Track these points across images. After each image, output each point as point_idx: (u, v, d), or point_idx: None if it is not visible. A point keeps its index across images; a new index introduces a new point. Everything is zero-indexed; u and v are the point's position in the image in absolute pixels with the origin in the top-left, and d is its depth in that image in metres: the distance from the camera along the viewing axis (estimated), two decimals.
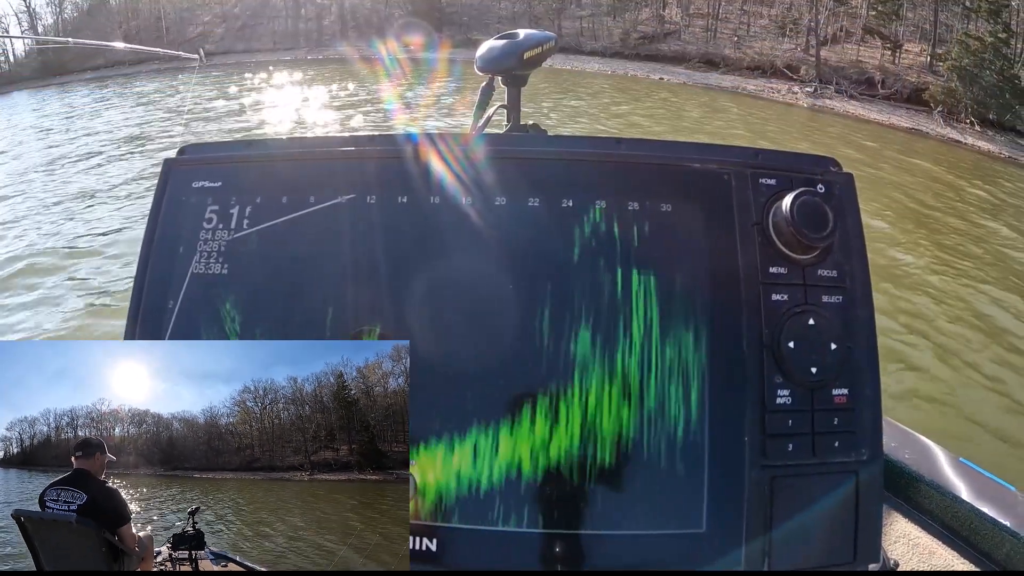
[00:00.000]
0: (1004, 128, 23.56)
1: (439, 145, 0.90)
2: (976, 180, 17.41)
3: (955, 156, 20.90)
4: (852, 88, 29.01)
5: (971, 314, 8.85)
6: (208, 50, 43.99)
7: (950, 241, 11.81)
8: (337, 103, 23.21)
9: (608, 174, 0.88)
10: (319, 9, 48.61)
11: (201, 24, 47.92)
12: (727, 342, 0.83)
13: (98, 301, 8.26)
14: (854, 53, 31.28)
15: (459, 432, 0.82)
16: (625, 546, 0.80)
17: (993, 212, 14.27)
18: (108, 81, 35.12)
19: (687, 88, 32.57)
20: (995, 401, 6.86)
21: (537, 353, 0.83)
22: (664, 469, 0.80)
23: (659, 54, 38.73)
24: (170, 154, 1.00)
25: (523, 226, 0.86)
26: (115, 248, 9.90)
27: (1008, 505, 1.40)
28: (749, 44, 35.79)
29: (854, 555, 0.81)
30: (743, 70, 34.20)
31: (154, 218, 0.95)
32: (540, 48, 1.49)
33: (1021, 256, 11.27)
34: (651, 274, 0.84)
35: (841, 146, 19.38)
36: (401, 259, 0.87)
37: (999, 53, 24.98)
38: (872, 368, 0.84)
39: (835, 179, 0.88)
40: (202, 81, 32.44)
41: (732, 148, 0.90)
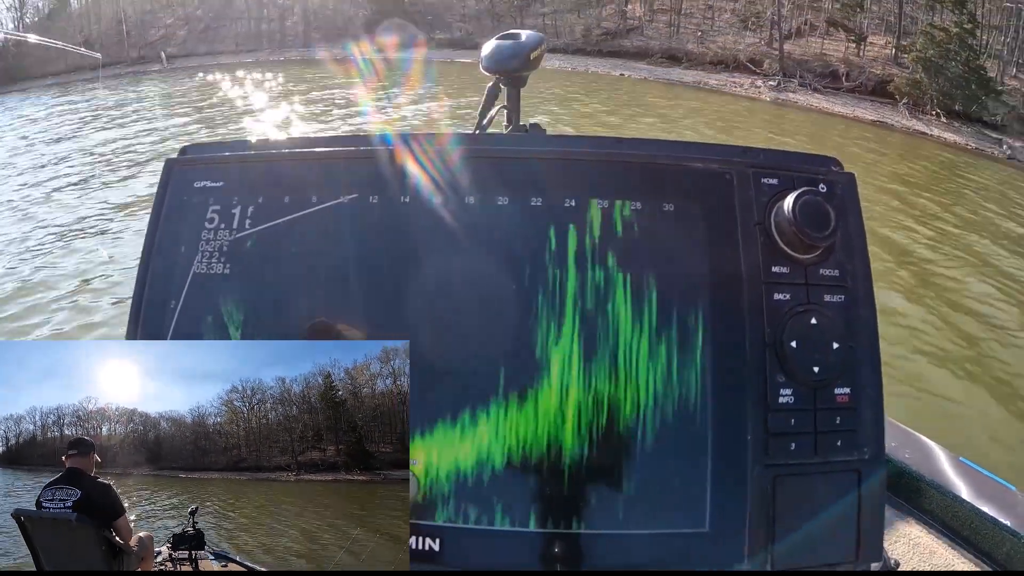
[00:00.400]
0: (970, 119, 23.81)
1: (443, 145, 0.90)
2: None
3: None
4: (816, 81, 29.21)
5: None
6: (170, 53, 43.83)
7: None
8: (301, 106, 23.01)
9: (610, 174, 0.88)
10: (281, 10, 48.29)
11: (163, 27, 47.43)
12: (729, 341, 0.83)
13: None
14: (818, 46, 31.48)
15: (458, 432, 0.82)
16: (627, 545, 0.80)
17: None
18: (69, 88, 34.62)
19: (647, 83, 32.69)
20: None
21: (538, 353, 0.82)
22: (666, 468, 0.81)
23: (621, 50, 38.80)
24: (171, 155, 0.99)
25: (524, 226, 0.86)
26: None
27: (1009, 505, 1.42)
28: (712, 39, 35.96)
29: (856, 554, 0.82)
30: (706, 65, 34.36)
31: (155, 218, 0.94)
32: (540, 48, 1.52)
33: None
34: (653, 274, 0.84)
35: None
36: (404, 259, 0.87)
37: (964, 44, 25.22)
38: (874, 367, 0.84)
39: (837, 178, 0.89)
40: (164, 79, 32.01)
41: (734, 148, 0.91)
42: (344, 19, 46.89)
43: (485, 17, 45.02)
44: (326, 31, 46.59)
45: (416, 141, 0.91)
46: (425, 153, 0.90)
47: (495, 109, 1.69)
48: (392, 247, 0.87)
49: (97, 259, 9.45)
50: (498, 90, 1.66)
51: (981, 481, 1.49)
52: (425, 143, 0.91)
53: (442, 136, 0.92)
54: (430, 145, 0.90)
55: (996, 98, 24.28)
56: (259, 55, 43.88)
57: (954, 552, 1.42)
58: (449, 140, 0.92)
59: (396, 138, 0.92)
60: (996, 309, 9.09)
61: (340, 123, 19.43)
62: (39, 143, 18.54)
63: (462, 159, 0.90)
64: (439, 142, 0.91)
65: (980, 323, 8.65)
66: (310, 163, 0.93)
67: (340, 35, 44.99)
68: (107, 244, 10.07)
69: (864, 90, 28.01)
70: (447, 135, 0.93)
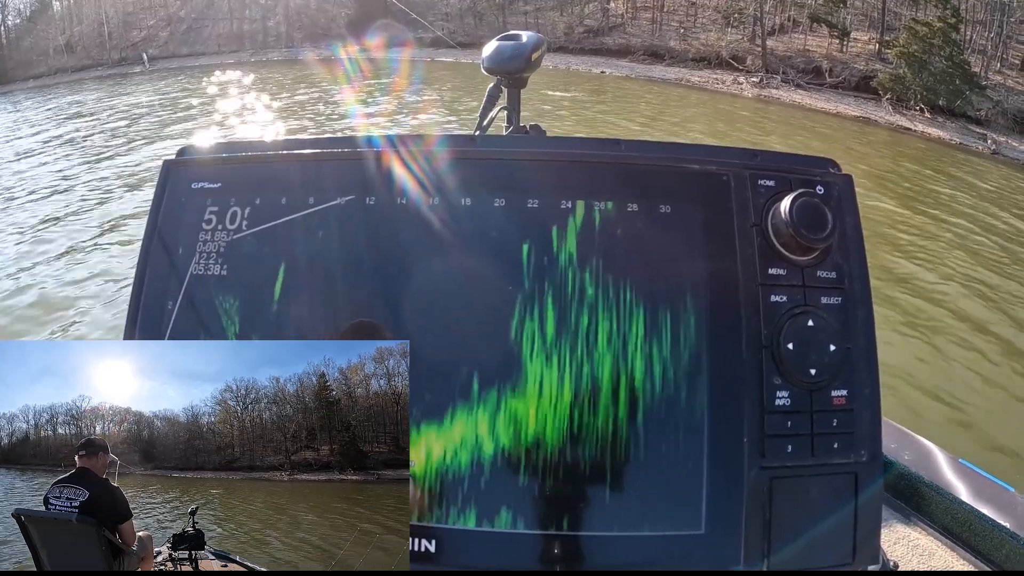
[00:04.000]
0: (955, 114, 23.96)
1: (441, 146, 0.90)
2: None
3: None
4: (799, 77, 29.34)
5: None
6: (152, 55, 43.67)
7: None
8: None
9: (607, 175, 0.88)
10: (264, 10, 48.16)
11: (145, 28, 47.24)
12: (726, 343, 0.82)
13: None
14: (801, 43, 31.66)
15: (456, 433, 0.81)
16: (624, 547, 0.80)
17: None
18: (51, 90, 34.41)
19: (630, 80, 32.73)
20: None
21: (535, 354, 0.82)
22: (663, 470, 0.80)
23: (603, 47, 38.96)
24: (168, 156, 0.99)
25: (522, 227, 0.86)
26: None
27: (1007, 506, 1.43)
28: (695, 36, 36.10)
29: (853, 556, 0.82)
30: (688, 62, 34.47)
31: (153, 219, 0.94)
32: (541, 49, 1.52)
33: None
34: (651, 275, 0.84)
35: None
36: (402, 260, 0.86)
37: (948, 39, 25.35)
38: (871, 369, 0.84)
39: (834, 180, 0.88)
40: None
41: (731, 149, 0.90)
42: (327, 19, 46.88)
43: (468, 15, 45.12)
44: (308, 31, 46.57)
45: (414, 143, 0.91)
46: (423, 155, 0.90)
47: (496, 110, 1.68)
48: (390, 248, 0.87)
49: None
50: (499, 91, 1.66)
51: (980, 483, 1.50)
52: (423, 144, 0.90)
53: (441, 137, 0.92)
54: (429, 147, 0.90)
55: (980, 93, 24.46)
56: (241, 55, 43.76)
57: (953, 554, 1.43)
58: (448, 141, 0.91)
59: (394, 140, 0.92)
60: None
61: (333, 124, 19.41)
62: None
63: (461, 161, 0.89)
64: (438, 144, 0.90)
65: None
66: (308, 164, 0.93)
67: (323, 35, 45.04)
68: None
69: (847, 86, 28.19)
70: (446, 136, 0.92)
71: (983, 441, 6.21)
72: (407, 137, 0.91)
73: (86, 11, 46.22)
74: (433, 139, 0.91)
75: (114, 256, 9.71)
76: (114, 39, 45.12)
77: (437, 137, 0.91)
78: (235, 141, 1.00)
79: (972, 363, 7.62)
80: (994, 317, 8.92)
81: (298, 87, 27.31)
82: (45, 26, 44.32)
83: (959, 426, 6.47)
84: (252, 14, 48.40)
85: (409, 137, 0.91)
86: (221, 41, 46.91)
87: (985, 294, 9.60)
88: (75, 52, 43.55)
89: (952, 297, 9.37)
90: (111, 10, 46.17)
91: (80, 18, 45.99)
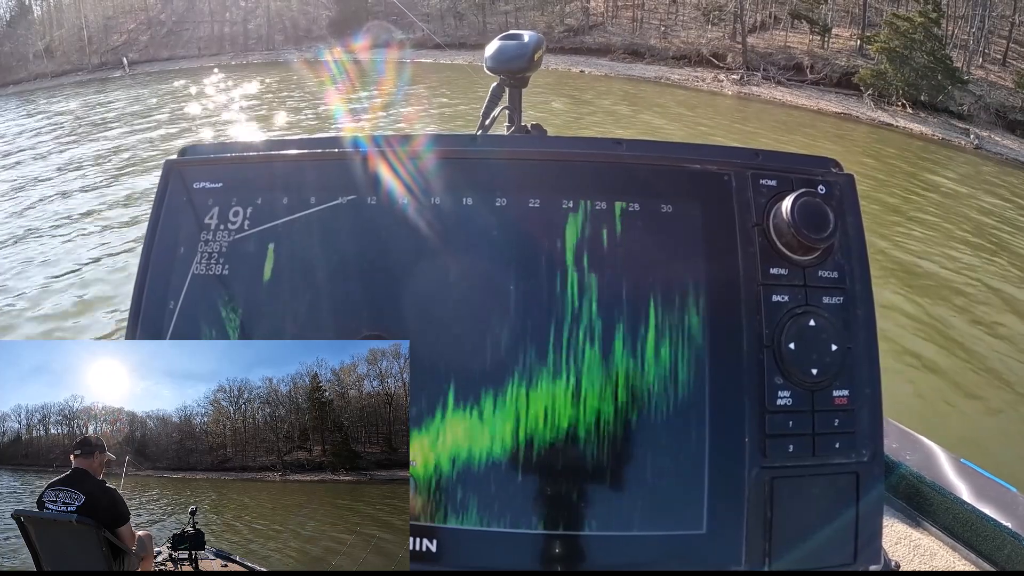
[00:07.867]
0: (936, 109, 24.05)
1: (442, 146, 0.90)
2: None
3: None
4: (780, 74, 29.44)
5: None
6: (132, 59, 43.42)
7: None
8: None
9: (609, 175, 0.88)
10: (244, 13, 47.99)
11: (125, 32, 46.98)
12: (728, 343, 0.82)
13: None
14: (782, 39, 31.78)
15: (456, 433, 0.81)
16: (625, 546, 0.80)
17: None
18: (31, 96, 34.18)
19: (608, 79, 32.76)
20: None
21: (536, 353, 0.82)
22: (664, 469, 0.80)
23: (583, 46, 39.01)
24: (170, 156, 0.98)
25: (523, 226, 0.86)
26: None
27: (1010, 507, 1.43)
28: (675, 34, 36.17)
29: (854, 556, 0.82)
30: (668, 60, 34.53)
31: (155, 219, 0.94)
32: (542, 49, 1.52)
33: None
34: (652, 274, 0.84)
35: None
36: (404, 260, 0.86)
37: (930, 34, 25.47)
38: (872, 369, 0.84)
39: (836, 180, 0.88)
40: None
41: (733, 149, 0.90)
42: (308, 20, 46.75)
43: (448, 15, 45.09)
44: (290, 33, 46.42)
45: (416, 142, 0.90)
46: (425, 154, 0.89)
47: (497, 109, 1.69)
48: (391, 248, 0.87)
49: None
50: (501, 91, 1.66)
51: (983, 483, 1.50)
52: (425, 144, 0.90)
53: (443, 137, 0.92)
54: (430, 146, 0.90)
55: (962, 88, 24.59)
56: (221, 58, 43.58)
57: (955, 554, 1.44)
58: (450, 141, 0.91)
59: (395, 139, 0.91)
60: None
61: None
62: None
63: (463, 160, 0.89)
64: (439, 143, 0.90)
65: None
66: (309, 164, 0.93)
67: (304, 37, 44.91)
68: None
69: (829, 82, 28.32)
70: (448, 136, 0.92)
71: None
72: (408, 137, 0.91)
73: (66, 15, 45.96)
74: (435, 139, 0.90)
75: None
76: (94, 44, 44.87)
77: (439, 137, 0.91)
78: (237, 141, 1.00)
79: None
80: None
81: (284, 90, 27.23)
82: (25, 31, 44.04)
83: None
84: (233, 16, 48.23)
85: (410, 137, 0.91)
86: (202, 44, 46.77)
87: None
88: (55, 57, 43.29)
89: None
90: (91, 14, 45.91)
91: (60, 23, 45.72)
